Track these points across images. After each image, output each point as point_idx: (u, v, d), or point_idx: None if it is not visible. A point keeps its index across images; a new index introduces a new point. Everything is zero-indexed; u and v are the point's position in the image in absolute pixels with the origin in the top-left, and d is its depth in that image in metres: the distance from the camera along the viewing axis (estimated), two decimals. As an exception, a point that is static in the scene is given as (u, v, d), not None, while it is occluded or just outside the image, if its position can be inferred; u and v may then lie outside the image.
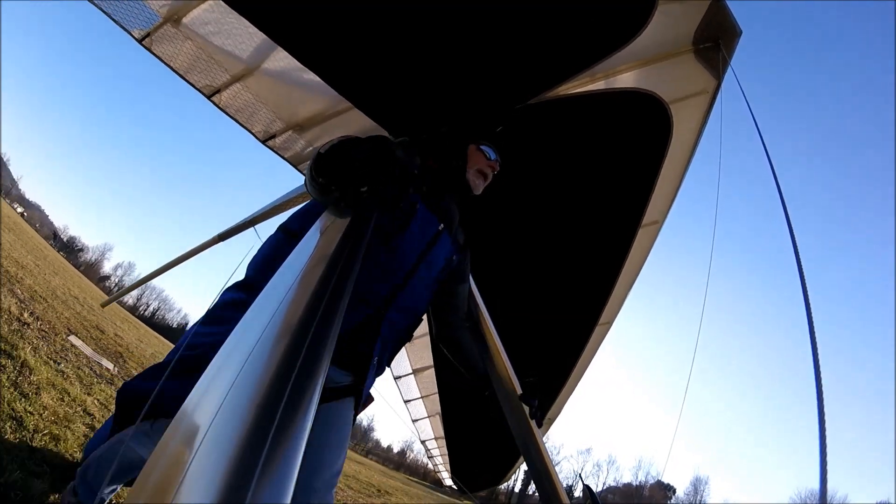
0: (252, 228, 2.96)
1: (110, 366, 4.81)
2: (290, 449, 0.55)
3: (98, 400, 2.73)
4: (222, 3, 1.67)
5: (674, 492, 48.60)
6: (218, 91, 1.97)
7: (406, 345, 1.61)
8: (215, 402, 0.61)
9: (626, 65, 1.93)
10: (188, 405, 0.66)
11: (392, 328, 1.40)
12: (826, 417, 0.90)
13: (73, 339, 4.86)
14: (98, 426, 2.17)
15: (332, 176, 1.12)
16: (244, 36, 1.82)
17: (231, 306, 1.29)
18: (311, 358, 0.69)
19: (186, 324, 61.37)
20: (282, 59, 1.88)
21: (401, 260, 1.40)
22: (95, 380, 3.19)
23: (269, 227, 2.88)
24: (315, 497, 1.19)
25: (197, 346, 1.22)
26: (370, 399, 1.47)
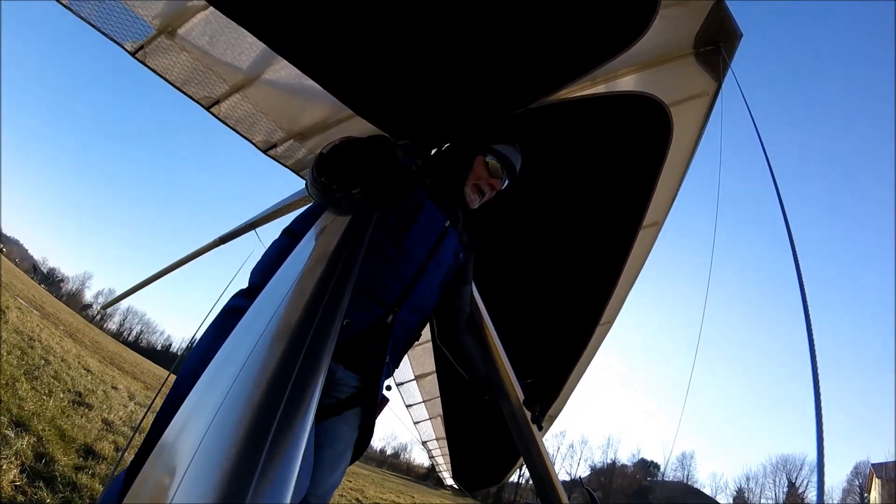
0: (253, 231, 2.93)
1: (37, 313, 10.54)
2: (290, 449, 0.54)
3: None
4: (218, 13, 1.64)
5: (658, 468, 49.67)
6: (217, 102, 1.94)
7: (408, 352, 1.61)
8: (215, 402, 0.60)
9: (627, 68, 1.93)
10: (188, 405, 0.66)
11: (403, 328, 1.40)
12: (823, 417, 0.91)
13: (18, 298, 10.60)
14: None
15: (334, 176, 1.12)
16: (242, 45, 1.79)
17: (237, 314, 1.28)
18: (310, 358, 0.68)
19: (170, 345, 61.60)
20: (281, 68, 1.86)
21: (411, 257, 1.40)
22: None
23: (269, 230, 2.87)
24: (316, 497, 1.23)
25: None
26: (385, 401, 1.46)
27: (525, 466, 1.78)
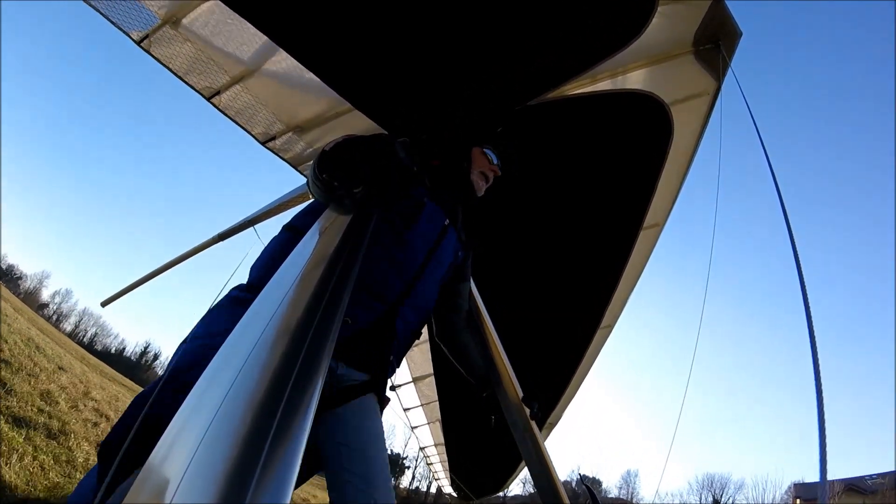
0: (252, 228, 2.95)
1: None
2: (290, 449, 0.55)
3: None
4: (222, 4, 1.67)
5: (600, 484, 49.29)
6: (218, 93, 1.97)
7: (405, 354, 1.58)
8: (215, 402, 0.61)
9: (627, 66, 1.93)
10: (188, 405, 0.66)
11: (406, 326, 1.39)
12: (825, 413, 0.88)
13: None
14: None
15: (336, 173, 1.13)
16: (244, 37, 1.82)
17: (237, 303, 1.27)
18: (310, 358, 0.68)
19: (124, 349, 60.50)
20: (282, 61, 1.88)
21: (412, 255, 1.40)
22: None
23: (268, 227, 2.88)
24: (379, 496, 1.14)
25: (191, 363, 1.11)
26: (386, 400, 1.44)
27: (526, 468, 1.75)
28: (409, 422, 4.94)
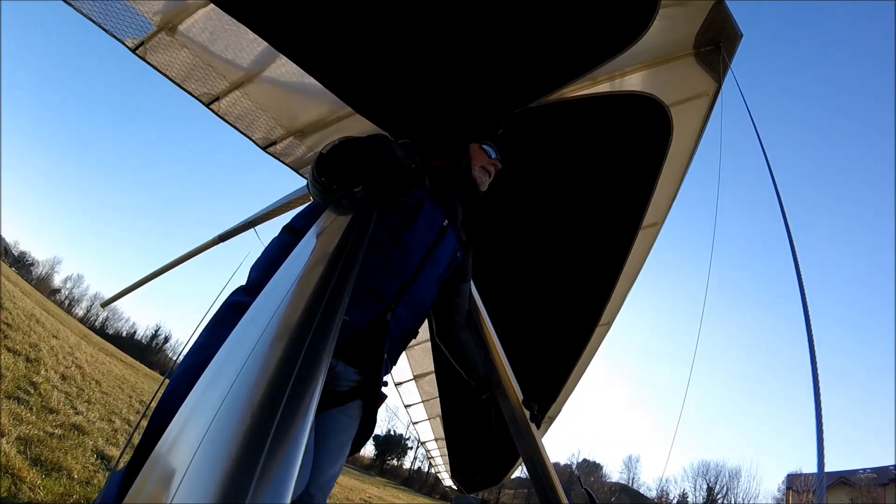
0: (253, 230, 2.93)
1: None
2: (290, 449, 0.55)
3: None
4: (218, 9, 1.65)
5: (601, 469, 50.37)
6: (217, 99, 1.95)
7: (406, 351, 1.60)
8: (215, 402, 0.61)
9: (628, 68, 1.93)
10: (188, 405, 0.66)
11: (400, 325, 1.40)
12: (823, 414, 0.90)
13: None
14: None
15: (335, 175, 1.13)
16: (242, 42, 1.79)
17: (237, 310, 1.27)
18: (310, 358, 0.68)
19: (135, 333, 61.11)
20: (281, 65, 1.86)
21: (409, 254, 1.41)
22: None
23: (269, 228, 2.88)
24: (309, 500, 1.23)
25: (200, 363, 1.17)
26: (383, 397, 1.46)
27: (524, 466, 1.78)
28: (410, 417, 4.99)
